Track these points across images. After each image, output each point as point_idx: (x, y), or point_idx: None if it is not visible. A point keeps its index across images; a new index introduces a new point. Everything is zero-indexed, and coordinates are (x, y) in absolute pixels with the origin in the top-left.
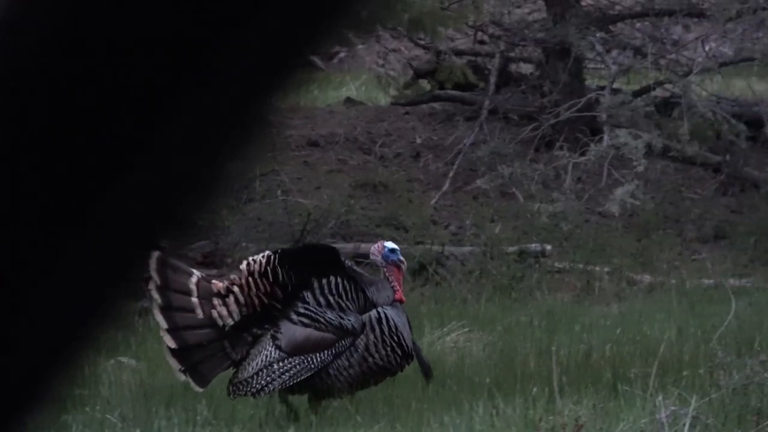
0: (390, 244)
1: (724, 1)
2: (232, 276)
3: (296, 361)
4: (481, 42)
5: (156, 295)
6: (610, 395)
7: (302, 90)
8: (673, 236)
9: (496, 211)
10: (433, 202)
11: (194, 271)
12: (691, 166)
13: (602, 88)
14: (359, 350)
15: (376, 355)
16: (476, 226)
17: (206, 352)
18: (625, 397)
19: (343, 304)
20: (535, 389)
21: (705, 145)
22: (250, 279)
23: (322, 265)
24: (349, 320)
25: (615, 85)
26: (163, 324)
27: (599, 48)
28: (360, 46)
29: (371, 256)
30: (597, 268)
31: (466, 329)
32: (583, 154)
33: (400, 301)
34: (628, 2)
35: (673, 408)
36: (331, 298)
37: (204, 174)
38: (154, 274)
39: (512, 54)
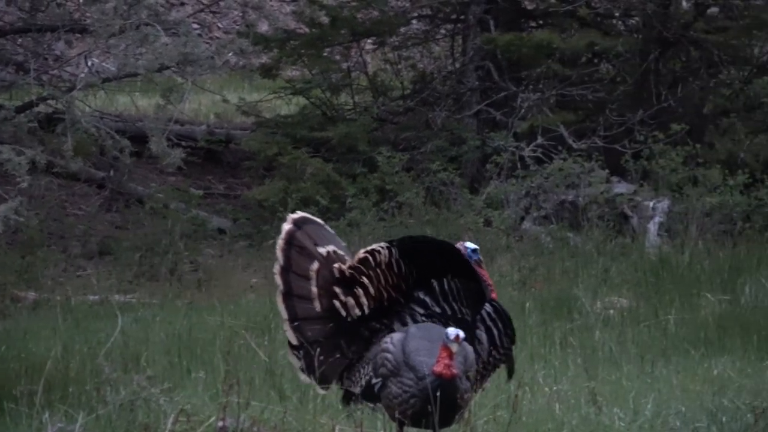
0: (471, 245)
1: (106, 17)
2: (353, 264)
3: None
4: None
5: (278, 280)
6: None
7: None
8: (58, 252)
9: None
10: None
11: (319, 251)
12: (76, 182)
13: None
14: (485, 345)
15: (501, 350)
16: None
17: (325, 350)
18: (12, 414)
19: (464, 312)
20: None
21: (89, 161)
22: (378, 270)
23: (441, 262)
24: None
25: None
26: (284, 314)
27: None
28: None
29: None
30: None
31: None
32: None
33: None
34: (10, 17)
35: (60, 425)
36: (454, 305)
37: None
38: (279, 252)
39: None
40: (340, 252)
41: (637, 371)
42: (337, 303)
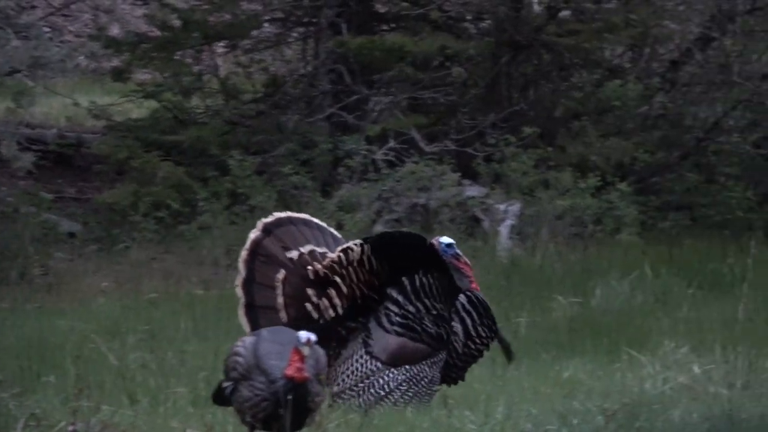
0: (446, 239)
1: None
2: (326, 264)
3: (400, 373)
4: None
5: (240, 292)
6: None
7: None
8: None
9: None
10: None
11: (289, 256)
12: None
13: None
14: (460, 337)
15: (478, 340)
16: None
17: None
18: None
19: (438, 307)
20: None
21: None
22: (350, 268)
23: (412, 257)
24: (442, 329)
25: None
26: (246, 327)
27: None
28: None
29: None
30: None
31: None
32: None
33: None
34: None
35: None
36: (427, 302)
37: None
38: (241, 264)
39: None
40: (320, 249)
41: (488, 374)
42: (309, 306)
